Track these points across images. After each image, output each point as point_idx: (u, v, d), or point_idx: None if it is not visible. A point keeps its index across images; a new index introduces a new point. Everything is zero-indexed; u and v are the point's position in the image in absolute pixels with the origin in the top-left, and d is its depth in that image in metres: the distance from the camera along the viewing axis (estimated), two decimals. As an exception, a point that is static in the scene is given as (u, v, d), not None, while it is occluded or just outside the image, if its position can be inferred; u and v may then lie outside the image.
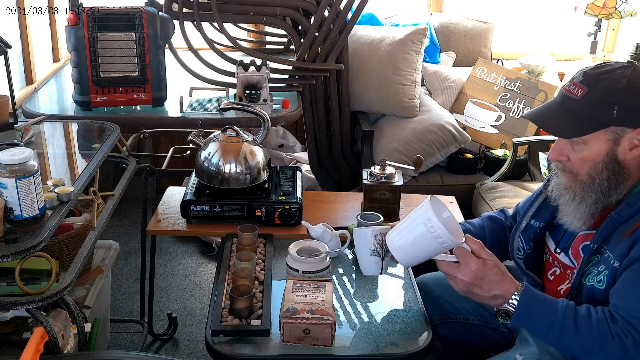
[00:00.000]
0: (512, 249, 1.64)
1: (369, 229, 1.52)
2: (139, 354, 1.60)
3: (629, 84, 1.32)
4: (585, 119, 1.35)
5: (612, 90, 1.32)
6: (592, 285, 1.39)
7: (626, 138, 1.34)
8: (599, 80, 1.34)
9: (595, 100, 1.33)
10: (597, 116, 1.34)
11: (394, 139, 2.97)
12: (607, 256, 1.37)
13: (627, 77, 1.32)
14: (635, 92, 1.32)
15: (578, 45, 3.63)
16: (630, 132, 1.34)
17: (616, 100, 1.32)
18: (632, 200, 1.37)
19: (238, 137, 1.97)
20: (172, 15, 2.50)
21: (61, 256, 1.70)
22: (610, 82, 1.33)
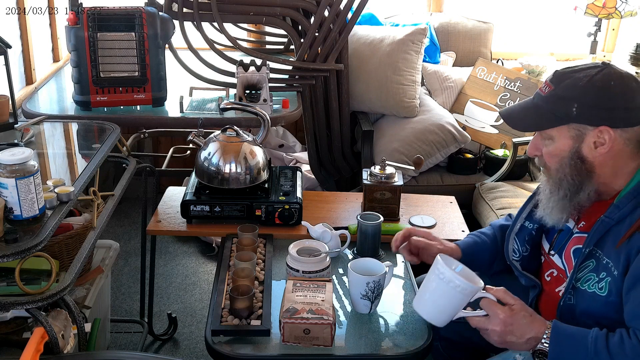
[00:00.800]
0: (507, 251, 1.64)
1: (362, 277, 1.53)
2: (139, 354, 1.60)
3: (590, 83, 1.35)
4: (546, 113, 1.39)
5: (573, 88, 1.36)
6: (594, 292, 1.38)
7: (589, 136, 1.37)
8: (565, 78, 1.38)
9: (557, 97, 1.38)
10: (556, 111, 1.38)
11: (394, 139, 2.97)
12: (606, 263, 1.37)
13: (590, 76, 1.35)
14: (596, 90, 1.34)
15: (578, 45, 3.63)
16: (592, 130, 1.36)
17: (576, 97, 1.35)
18: (622, 202, 1.37)
19: (238, 137, 1.97)
20: (172, 15, 2.50)
21: (61, 256, 1.70)
22: (574, 80, 1.36)
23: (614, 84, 1.34)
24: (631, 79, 1.37)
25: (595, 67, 1.38)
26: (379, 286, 1.55)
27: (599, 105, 1.34)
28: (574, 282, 1.42)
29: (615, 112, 1.34)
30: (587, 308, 1.40)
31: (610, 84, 1.34)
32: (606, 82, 1.35)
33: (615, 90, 1.34)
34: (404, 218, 2.01)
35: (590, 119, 1.35)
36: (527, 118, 1.45)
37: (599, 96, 1.34)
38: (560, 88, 1.38)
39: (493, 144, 3.11)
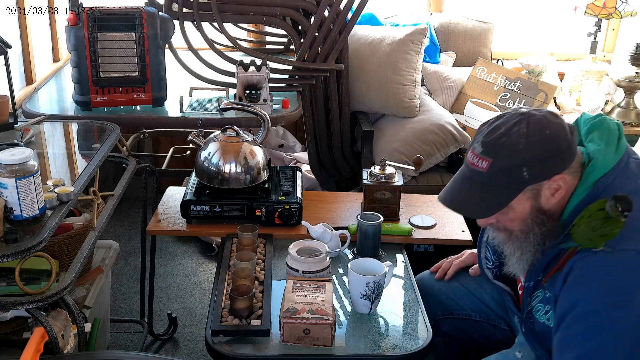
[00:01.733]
0: (480, 259, 1.64)
1: (362, 277, 1.54)
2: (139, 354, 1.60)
3: (528, 141, 1.28)
4: (501, 189, 1.32)
5: (515, 154, 1.28)
6: (544, 323, 1.39)
7: (544, 189, 1.32)
8: (499, 146, 1.30)
9: (503, 168, 1.30)
10: (510, 183, 1.31)
11: (394, 139, 2.97)
12: (549, 296, 1.37)
13: (524, 135, 1.28)
14: (537, 146, 1.28)
15: (578, 45, 3.63)
16: (546, 183, 1.31)
17: (522, 161, 1.28)
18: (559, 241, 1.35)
19: (238, 137, 1.97)
20: (172, 15, 2.50)
21: (61, 256, 1.70)
22: (511, 146, 1.28)
23: (549, 132, 1.29)
24: (554, 117, 1.32)
25: (518, 122, 1.30)
26: (379, 286, 1.55)
27: (546, 159, 1.29)
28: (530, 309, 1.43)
29: (561, 157, 1.30)
30: (543, 336, 1.41)
31: (546, 133, 1.28)
32: (542, 133, 1.29)
33: (552, 135, 1.29)
34: (404, 218, 2.01)
35: (543, 175, 1.30)
36: (485, 202, 1.35)
37: (543, 150, 1.28)
38: (500, 158, 1.29)
39: (493, 144, 3.11)
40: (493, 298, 1.71)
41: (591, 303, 1.23)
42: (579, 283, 1.26)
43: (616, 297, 1.22)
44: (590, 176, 1.31)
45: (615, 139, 1.36)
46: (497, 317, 1.74)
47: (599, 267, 1.24)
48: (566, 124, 1.33)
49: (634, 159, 1.37)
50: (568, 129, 1.32)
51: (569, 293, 1.27)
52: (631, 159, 1.36)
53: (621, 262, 1.23)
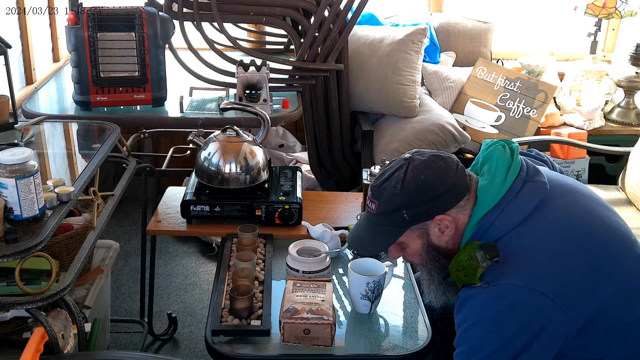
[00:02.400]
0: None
1: (362, 277, 1.54)
2: (139, 354, 1.60)
3: (404, 187, 1.35)
4: (387, 229, 1.40)
5: (394, 197, 1.36)
6: None
7: (431, 228, 1.38)
8: (382, 190, 1.38)
9: (386, 211, 1.38)
10: (394, 224, 1.38)
11: (394, 139, 2.97)
12: None
13: (401, 180, 1.35)
14: (412, 191, 1.35)
15: (578, 45, 3.63)
16: (431, 222, 1.37)
17: (400, 205, 1.35)
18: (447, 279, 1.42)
19: (238, 137, 1.97)
20: (172, 15, 2.50)
21: (61, 256, 1.70)
22: (390, 190, 1.37)
23: (424, 177, 1.35)
24: (436, 160, 1.37)
25: (400, 167, 1.38)
26: (379, 286, 1.55)
27: (423, 201, 1.35)
28: None
29: (439, 199, 1.35)
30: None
31: (421, 178, 1.35)
32: (417, 178, 1.35)
33: (428, 180, 1.34)
34: (404, 218, 2.01)
35: (423, 216, 1.36)
36: (375, 241, 1.45)
37: (418, 194, 1.34)
38: (383, 202, 1.38)
39: (493, 144, 3.11)
40: None
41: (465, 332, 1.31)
42: (459, 314, 1.34)
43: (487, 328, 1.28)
44: (476, 214, 1.36)
45: (503, 171, 1.38)
46: None
47: (476, 301, 1.31)
48: (454, 164, 1.38)
49: (532, 183, 1.38)
50: (454, 170, 1.37)
51: (455, 323, 1.35)
52: (528, 183, 1.37)
53: (495, 296, 1.29)
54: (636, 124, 3.24)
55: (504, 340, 1.27)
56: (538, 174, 1.40)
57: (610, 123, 3.27)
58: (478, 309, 1.30)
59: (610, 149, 2.92)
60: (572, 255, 1.31)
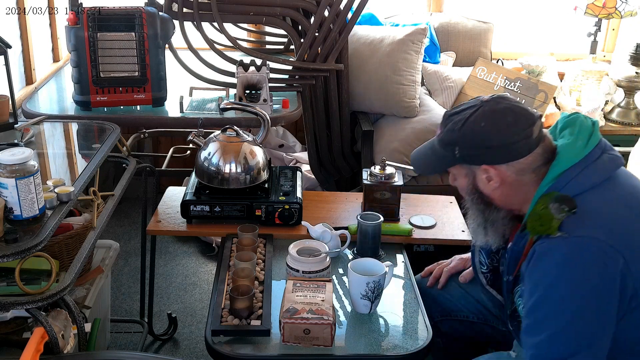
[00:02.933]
0: (474, 264, 1.66)
1: (362, 277, 1.54)
2: (139, 354, 1.60)
3: (465, 126, 1.38)
4: (439, 157, 1.46)
5: (452, 132, 1.41)
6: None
7: (478, 173, 1.42)
8: (449, 121, 1.43)
9: (443, 140, 1.44)
10: (445, 155, 1.44)
11: (394, 139, 2.96)
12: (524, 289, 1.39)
13: (465, 119, 1.38)
14: (469, 133, 1.38)
15: (578, 45, 3.63)
16: (478, 168, 1.41)
17: (455, 141, 1.40)
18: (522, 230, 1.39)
19: (238, 137, 1.97)
20: (172, 15, 2.50)
21: (61, 256, 1.70)
22: (453, 124, 1.41)
23: (484, 124, 1.36)
24: (506, 114, 1.36)
25: (473, 106, 1.40)
26: (379, 286, 1.55)
27: (475, 146, 1.38)
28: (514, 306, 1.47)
29: (492, 150, 1.36)
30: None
31: (481, 125, 1.36)
32: (478, 124, 1.37)
33: (488, 130, 1.36)
34: (404, 218, 2.01)
35: (470, 160, 1.41)
36: (427, 162, 1.53)
37: (473, 138, 1.38)
38: (444, 133, 1.43)
39: (493, 144, 3.11)
40: (491, 299, 1.71)
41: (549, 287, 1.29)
42: (537, 268, 1.31)
43: (571, 280, 1.26)
44: (554, 169, 1.36)
45: (586, 135, 1.39)
46: (495, 318, 1.75)
47: (556, 252, 1.29)
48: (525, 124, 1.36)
49: (609, 155, 1.39)
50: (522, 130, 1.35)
51: (530, 279, 1.32)
52: (605, 154, 1.38)
53: (576, 247, 1.27)
54: (636, 124, 3.24)
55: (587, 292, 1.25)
56: (613, 149, 1.41)
57: (610, 123, 3.27)
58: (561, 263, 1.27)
59: (610, 149, 2.91)
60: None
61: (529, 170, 1.38)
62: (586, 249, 1.26)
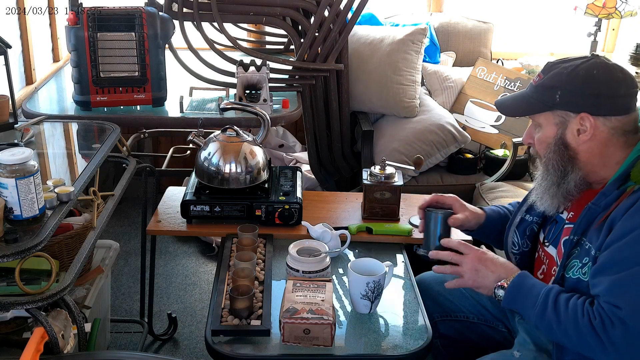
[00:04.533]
0: (507, 243, 1.66)
1: (362, 277, 1.54)
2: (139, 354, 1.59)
3: (575, 71, 1.40)
4: (534, 101, 1.46)
5: (559, 76, 1.41)
6: (578, 278, 1.40)
7: (572, 122, 1.41)
8: (553, 68, 1.44)
9: (544, 85, 1.44)
10: (542, 99, 1.44)
11: (394, 139, 2.97)
12: (588, 247, 1.39)
13: (576, 65, 1.40)
14: (579, 78, 1.39)
15: (578, 45, 3.63)
16: (574, 117, 1.41)
17: (560, 84, 1.41)
18: (608, 189, 1.39)
19: (238, 137, 1.97)
20: (172, 15, 2.50)
21: (61, 256, 1.70)
22: (560, 69, 1.42)
23: (597, 72, 1.38)
24: (617, 70, 1.40)
25: (584, 57, 1.43)
26: (379, 286, 1.55)
27: (581, 92, 1.39)
28: (563, 272, 1.44)
29: (597, 99, 1.38)
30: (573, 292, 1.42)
31: (594, 72, 1.38)
32: (590, 71, 1.39)
33: (598, 78, 1.38)
34: (404, 218, 2.01)
35: (572, 105, 1.40)
36: (517, 105, 1.51)
37: (581, 83, 1.39)
38: (548, 77, 1.43)
39: (493, 144, 3.11)
40: (491, 300, 1.71)
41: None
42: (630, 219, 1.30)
43: None
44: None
45: None
46: (495, 319, 1.75)
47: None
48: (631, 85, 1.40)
49: None
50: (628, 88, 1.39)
51: (629, 220, 1.31)
52: None
53: None
54: (636, 124, 3.24)
55: None
56: None
57: (610, 123, 3.27)
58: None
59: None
60: None
61: (621, 132, 1.40)
62: None
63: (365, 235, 1.91)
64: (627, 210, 1.32)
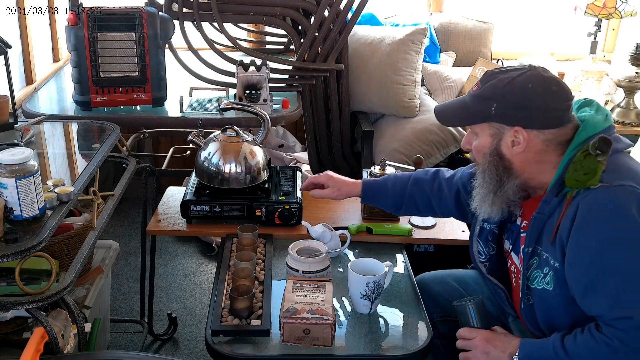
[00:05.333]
0: (473, 255, 1.66)
1: (362, 277, 1.54)
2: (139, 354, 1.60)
3: (510, 84, 1.39)
4: (471, 111, 1.45)
5: (495, 88, 1.40)
6: (543, 289, 1.42)
7: (506, 135, 1.42)
8: (491, 78, 1.43)
9: (481, 96, 1.43)
10: (479, 109, 1.43)
11: (394, 139, 2.97)
12: (546, 257, 1.41)
13: (512, 78, 1.39)
14: (514, 91, 1.38)
15: (578, 45, 3.63)
16: (508, 129, 1.41)
17: (496, 97, 1.40)
18: (548, 197, 1.40)
19: (238, 137, 1.97)
20: (172, 15, 2.50)
21: (61, 256, 1.70)
22: (498, 81, 1.41)
23: (532, 86, 1.38)
24: (552, 83, 1.39)
25: (521, 69, 1.42)
26: (379, 286, 1.55)
27: (515, 105, 1.39)
28: (527, 283, 1.46)
29: (530, 113, 1.38)
30: (542, 305, 1.44)
31: (529, 86, 1.38)
32: (525, 84, 1.38)
33: (533, 91, 1.38)
34: (404, 218, 2.01)
35: (506, 118, 1.40)
36: (455, 114, 1.52)
37: (516, 97, 1.38)
38: (485, 88, 1.42)
39: (493, 144, 3.11)
40: (490, 300, 1.71)
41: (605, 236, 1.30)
42: (587, 221, 1.31)
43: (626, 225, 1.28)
44: (581, 135, 1.39)
45: (604, 113, 1.45)
46: (494, 319, 1.74)
47: (603, 200, 1.31)
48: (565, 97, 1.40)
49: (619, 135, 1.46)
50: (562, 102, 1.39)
51: (580, 234, 1.32)
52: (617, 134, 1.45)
53: (622, 194, 1.30)
54: (636, 124, 3.24)
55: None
56: None
57: (610, 123, 3.27)
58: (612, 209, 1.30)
59: (610, 148, 2.91)
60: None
61: (556, 143, 1.40)
62: (632, 195, 1.30)
63: (365, 235, 1.91)
64: (572, 220, 1.33)
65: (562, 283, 1.37)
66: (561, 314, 1.41)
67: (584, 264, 1.31)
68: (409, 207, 1.80)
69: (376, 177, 1.90)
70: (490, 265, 1.63)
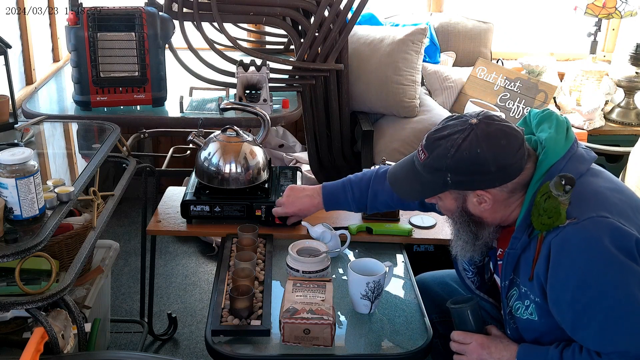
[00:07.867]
0: (460, 274, 1.67)
1: (362, 277, 1.54)
2: (139, 354, 1.60)
3: (458, 153, 1.34)
4: (427, 183, 1.42)
5: (444, 158, 1.36)
6: (527, 319, 1.42)
7: (469, 197, 1.41)
8: (436, 146, 1.38)
9: (432, 166, 1.39)
10: (435, 180, 1.40)
11: (394, 139, 2.96)
12: (525, 291, 1.40)
13: (458, 145, 1.34)
14: (463, 161, 1.34)
15: (578, 45, 3.63)
16: (470, 193, 1.40)
17: (448, 167, 1.36)
18: (518, 233, 1.40)
19: (238, 137, 1.97)
20: (172, 15, 2.50)
21: (61, 256, 1.70)
22: (443, 149, 1.36)
23: (480, 151, 1.33)
24: (500, 136, 1.34)
25: (462, 131, 1.35)
26: (379, 286, 1.55)
27: (470, 173, 1.35)
28: (510, 310, 1.46)
29: (487, 176, 1.35)
30: (528, 331, 1.44)
31: (477, 152, 1.33)
32: (473, 150, 1.33)
33: (484, 156, 1.33)
34: (404, 218, 2.01)
35: (465, 185, 1.39)
36: (411, 187, 1.48)
37: (468, 166, 1.34)
38: (433, 158, 1.38)
39: (493, 144, 3.11)
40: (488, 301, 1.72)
41: (582, 273, 1.28)
42: (562, 260, 1.31)
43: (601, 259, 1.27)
44: (544, 164, 1.38)
45: (564, 129, 1.42)
46: (493, 319, 1.75)
47: (573, 238, 1.29)
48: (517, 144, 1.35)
49: (582, 148, 1.44)
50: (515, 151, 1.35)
51: (557, 273, 1.31)
52: (580, 148, 1.43)
53: (592, 227, 1.29)
54: (636, 124, 3.24)
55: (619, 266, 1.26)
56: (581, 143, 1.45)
57: (610, 123, 3.27)
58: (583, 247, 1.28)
59: (610, 149, 2.92)
60: (630, 212, 1.35)
61: (521, 187, 1.39)
62: (601, 225, 1.28)
63: (365, 235, 1.91)
64: (547, 258, 1.32)
65: (547, 314, 1.37)
66: (550, 337, 1.40)
67: (566, 301, 1.31)
68: (375, 206, 1.79)
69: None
70: (480, 274, 1.64)
